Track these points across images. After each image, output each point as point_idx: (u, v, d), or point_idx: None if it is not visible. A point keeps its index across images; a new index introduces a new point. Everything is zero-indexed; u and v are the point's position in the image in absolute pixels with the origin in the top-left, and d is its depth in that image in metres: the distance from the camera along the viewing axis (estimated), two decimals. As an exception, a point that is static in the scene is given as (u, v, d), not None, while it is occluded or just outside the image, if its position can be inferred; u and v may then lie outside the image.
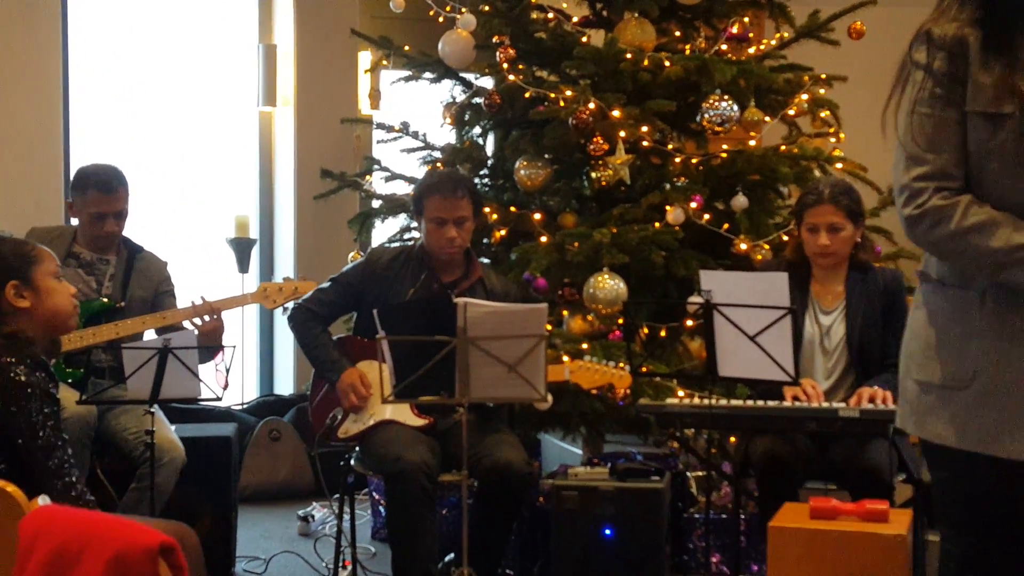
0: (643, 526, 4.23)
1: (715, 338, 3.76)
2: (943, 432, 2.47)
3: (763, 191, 5.15)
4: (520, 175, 5.01)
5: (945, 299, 2.50)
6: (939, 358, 2.49)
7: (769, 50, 5.32)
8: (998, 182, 2.39)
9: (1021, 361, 2.39)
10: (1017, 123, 2.33)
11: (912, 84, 2.45)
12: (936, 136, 2.41)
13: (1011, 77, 2.35)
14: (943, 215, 2.39)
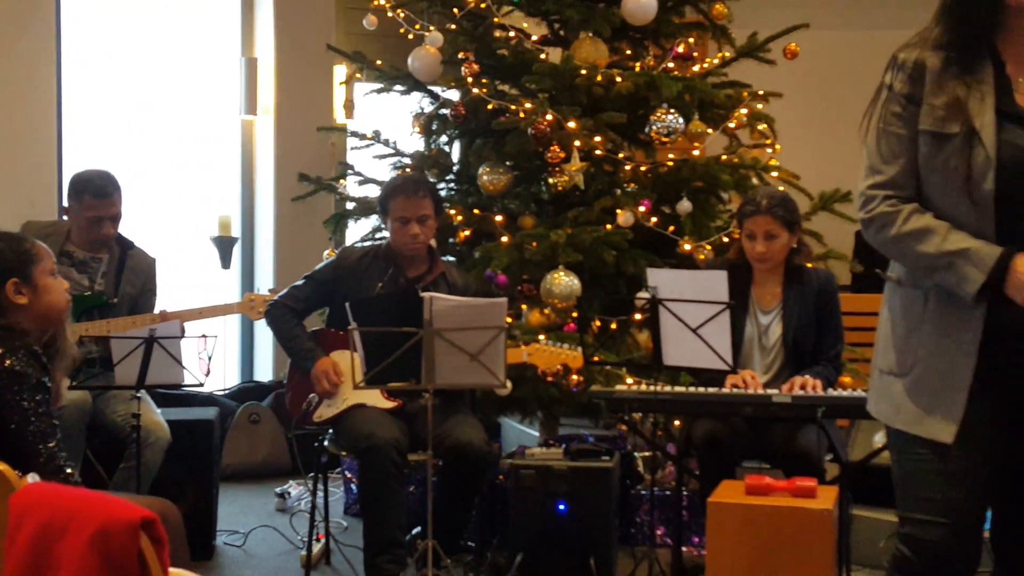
0: (594, 502, 4.22)
1: (660, 330, 3.77)
2: (887, 412, 2.52)
3: (706, 197, 5.16)
4: (483, 180, 5.00)
5: (899, 297, 2.53)
6: (891, 349, 2.53)
7: (712, 68, 5.31)
8: (938, 195, 2.41)
9: (952, 354, 2.41)
10: (960, 142, 2.34)
11: (878, 101, 2.49)
12: (890, 150, 2.45)
13: (963, 100, 2.36)
14: (888, 220, 2.43)
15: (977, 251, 2.32)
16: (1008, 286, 2.29)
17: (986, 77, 2.39)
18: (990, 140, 2.34)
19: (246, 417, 6.10)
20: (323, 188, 5.56)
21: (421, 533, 3.89)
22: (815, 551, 3.28)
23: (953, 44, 2.40)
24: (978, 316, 2.37)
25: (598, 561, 4.12)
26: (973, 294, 2.32)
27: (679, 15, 5.34)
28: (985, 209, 2.35)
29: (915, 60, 2.43)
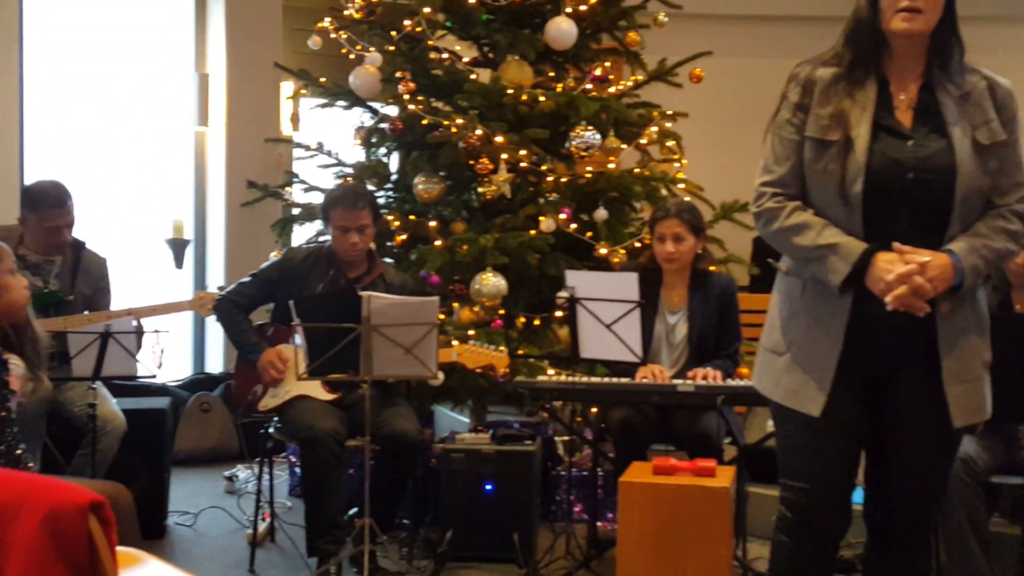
0: (518, 482, 4.24)
1: (578, 326, 3.77)
2: (768, 386, 2.58)
3: (620, 206, 5.18)
4: (418, 189, 4.98)
5: (785, 284, 2.59)
6: (775, 330, 2.59)
7: (626, 90, 5.34)
8: (818, 195, 2.46)
9: (822, 338, 2.46)
10: (837, 149, 2.39)
11: (779, 110, 2.54)
12: (780, 153, 2.50)
13: (846, 112, 2.41)
14: (773, 215, 2.48)
15: (845, 246, 2.38)
16: (868, 279, 2.35)
17: (870, 93, 2.45)
18: (862, 148, 2.39)
19: (197, 406, 6.03)
20: (270, 195, 5.49)
21: (359, 512, 3.86)
22: (714, 524, 3.32)
23: (844, 63, 2.46)
24: (845, 306, 2.42)
25: (521, 536, 4.12)
26: (838, 284, 2.38)
27: (596, 41, 5.36)
28: (855, 209, 2.40)
29: (808, 75, 2.49)
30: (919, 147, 2.41)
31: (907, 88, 2.47)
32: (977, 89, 2.46)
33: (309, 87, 5.53)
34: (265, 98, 6.70)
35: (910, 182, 2.40)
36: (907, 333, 2.41)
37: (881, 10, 2.39)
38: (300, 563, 4.07)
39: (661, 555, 3.33)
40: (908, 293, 2.30)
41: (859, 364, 2.46)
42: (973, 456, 3.55)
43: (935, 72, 2.45)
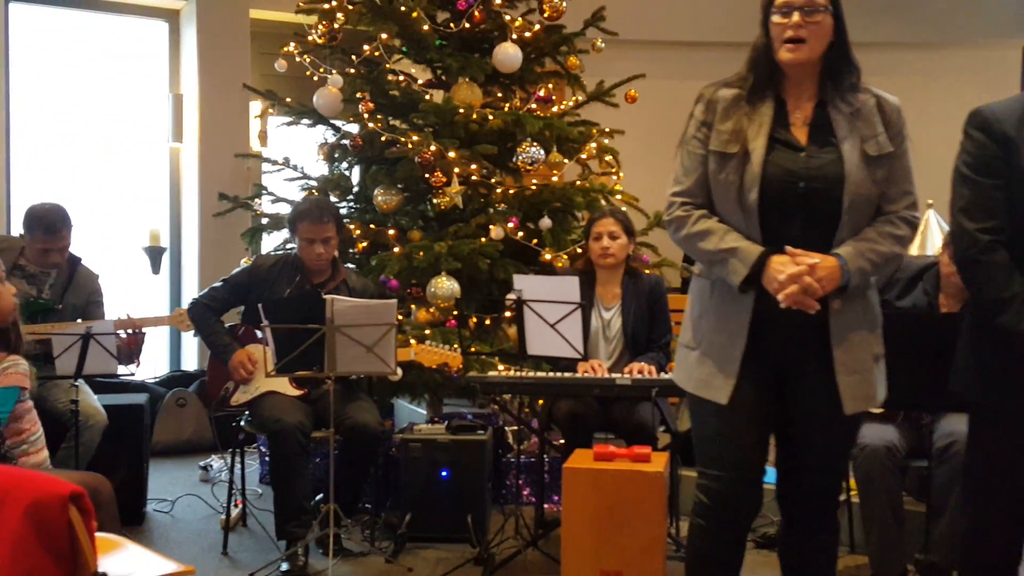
0: (471, 469, 4.24)
1: (525, 326, 3.77)
2: (683, 378, 2.60)
3: (563, 215, 5.19)
4: (378, 200, 4.96)
5: (697, 286, 2.62)
6: (688, 328, 2.61)
7: (567, 109, 5.35)
8: (720, 203, 2.50)
9: (728, 334, 2.49)
10: (736, 161, 2.42)
11: (688, 127, 2.57)
12: (688, 165, 2.53)
13: (744, 128, 2.44)
14: (682, 223, 2.51)
15: (743, 250, 2.40)
16: (764, 279, 2.38)
17: (767, 111, 2.47)
18: (758, 160, 2.42)
19: (174, 401, 5.99)
20: (240, 206, 5.44)
21: (324, 498, 3.85)
22: (650, 506, 3.33)
23: (747, 85, 2.50)
24: (748, 304, 2.45)
25: (474, 518, 4.12)
26: (738, 284, 2.41)
27: (540, 65, 5.36)
28: (752, 216, 2.42)
29: (712, 95, 2.53)
30: (811, 159, 2.43)
31: (802, 106, 2.49)
32: (867, 106, 2.48)
33: (276, 106, 5.49)
34: (235, 116, 6.64)
35: (802, 191, 2.41)
36: (803, 329, 2.43)
37: (772, 40, 2.43)
38: (270, 545, 4.03)
39: (602, 534, 3.34)
40: (798, 292, 2.33)
41: (763, 357, 2.47)
42: (896, 443, 3.59)
43: (828, 91, 2.48)
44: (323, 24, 5.16)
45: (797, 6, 2.38)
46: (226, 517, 4.29)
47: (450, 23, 5.10)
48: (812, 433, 2.53)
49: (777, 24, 2.40)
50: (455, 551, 4.08)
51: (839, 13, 2.44)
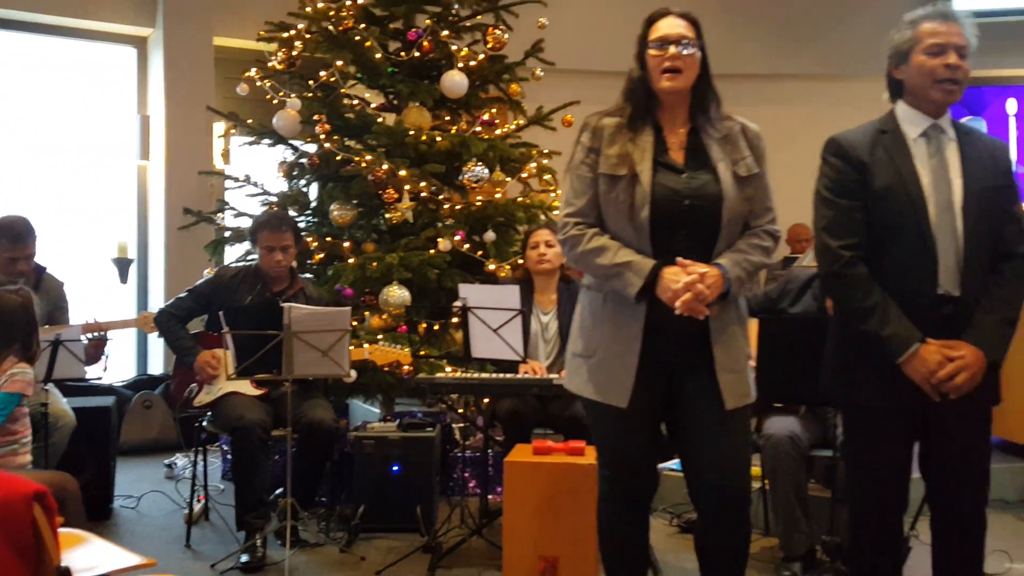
0: (420, 463, 4.22)
1: (469, 331, 3.77)
2: (579, 385, 2.59)
3: (506, 229, 5.20)
4: (334, 215, 4.93)
5: (588, 298, 2.62)
6: (582, 337, 2.60)
7: (509, 132, 5.36)
8: (612, 221, 2.51)
9: (623, 342, 2.50)
10: (626, 183, 2.44)
11: (575, 153, 2.59)
12: (579, 188, 2.55)
13: (630, 152, 2.47)
14: (576, 241, 2.52)
15: (638, 263, 2.42)
16: (658, 289, 2.40)
17: (648, 137, 2.51)
18: (647, 181, 2.44)
19: (141, 403, 5.91)
20: (204, 220, 5.37)
21: (283, 492, 3.80)
22: (584, 495, 3.32)
23: (625, 114, 2.53)
24: (640, 314, 2.46)
25: (423, 509, 4.10)
26: (634, 295, 2.42)
27: (485, 91, 5.37)
28: (643, 232, 2.45)
29: (596, 123, 2.55)
30: (691, 179, 2.47)
31: (677, 132, 2.54)
32: (733, 132, 2.55)
33: (238, 127, 5.43)
34: (199, 136, 6.57)
35: (686, 208, 2.45)
36: (688, 333, 2.46)
37: (649, 71, 2.48)
38: (231, 538, 3.97)
39: (540, 522, 3.35)
40: (692, 299, 2.36)
41: (654, 362, 2.49)
42: (798, 434, 3.64)
43: (699, 119, 2.54)
44: (283, 51, 5.15)
45: (672, 40, 2.45)
46: (189, 512, 4.23)
47: (401, 52, 5.10)
48: (703, 429, 2.52)
49: (655, 56, 2.47)
50: (405, 540, 4.05)
51: (704, 49, 2.51)
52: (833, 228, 2.52)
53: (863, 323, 2.47)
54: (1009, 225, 2.50)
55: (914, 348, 2.42)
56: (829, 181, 2.56)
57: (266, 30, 5.28)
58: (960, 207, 2.46)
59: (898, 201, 2.47)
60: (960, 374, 2.40)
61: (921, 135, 2.53)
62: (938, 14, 2.52)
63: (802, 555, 3.67)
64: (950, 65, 2.46)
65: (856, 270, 2.49)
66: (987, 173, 2.49)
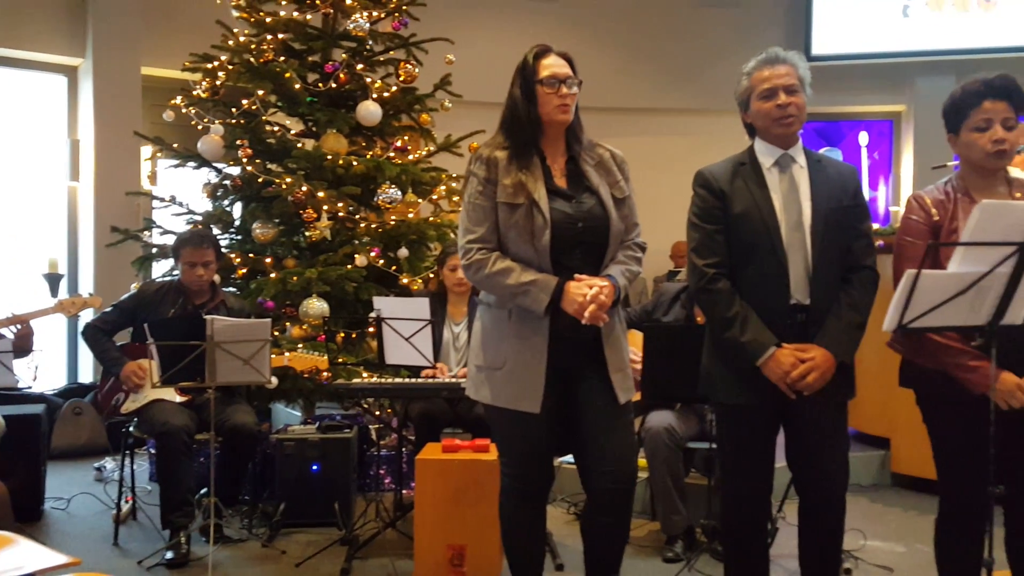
0: (338, 462, 4.18)
1: (383, 339, 3.74)
2: (489, 396, 2.59)
3: (418, 246, 5.17)
4: (256, 233, 4.85)
5: (490, 315, 2.62)
6: (486, 351, 2.60)
7: (421, 158, 5.33)
8: (514, 245, 2.53)
9: (529, 354, 2.52)
10: (525, 210, 2.47)
11: (468, 183, 2.58)
12: (478, 217, 2.55)
13: (524, 182, 2.49)
14: (481, 264, 2.52)
15: (542, 281, 2.46)
16: (564, 302, 2.44)
17: (537, 167, 2.55)
18: (545, 208, 2.49)
19: (71, 410, 5.69)
20: (131, 237, 5.20)
21: (207, 492, 3.71)
22: (488, 488, 3.31)
23: (512, 146, 2.56)
24: (545, 326, 2.50)
25: (341, 504, 4.07)
26: (542, 310, 2.45)
27: (397, 120, 5.34)
28: (544, 253, 2.49)
29: (489, 155, 2.57)
30: (580, 204, 2.54)
31: (557, 161, 2.59)
32: (604, 158, 2.63)
33: (164, 151, 5.29)
34: (127, 159, 6.39)
35: (580, 229, 2.51)
36: (584, 340, 2.53)
37: (540, 106, 2.52)
38: (157, 536, 3.87)
39: (449, 513, 3.34)
40: (596, 309, 2.41)
41: (556, 367, 2.52)
42: (674, 427, 3.71)
43: (575, 148, 2.61)
44: (207, 81, 5.06)
45: (562, 79, 2.52)
46: (117, 512, 4.09)
47: (319, 83, 5.05)
48: (599, 422, 2.57)
49: (548, 94, 2.51)
50: (324, 534, 4.00)
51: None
52: (700, 249, 2.60)
53: (726, 331, 2.54)
54: (858, 241, 2.60)
55: (770, 352, 2.49)
56: (697, 208, 2.63)
57: (191, 61, 5.17)
58: (809, 226, 2.54)
59: (754, 224, 2.54)
60: (811, 374, 2.48)
61: (774, 164, 2.61)
62: (766, 61, 2.60)
63: (681, 536, 3.75)
64: (780, 105, 2.55)
65: (719, 285, 2.56)
66: (835, 195, 2.58)
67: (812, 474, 2.63)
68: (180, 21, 6.50)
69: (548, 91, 2.51)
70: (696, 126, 7.96)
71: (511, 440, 2.60)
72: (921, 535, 4.03)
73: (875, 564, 3.66)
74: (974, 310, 2.24)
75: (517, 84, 2.54)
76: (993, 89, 2.49)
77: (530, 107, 2.52)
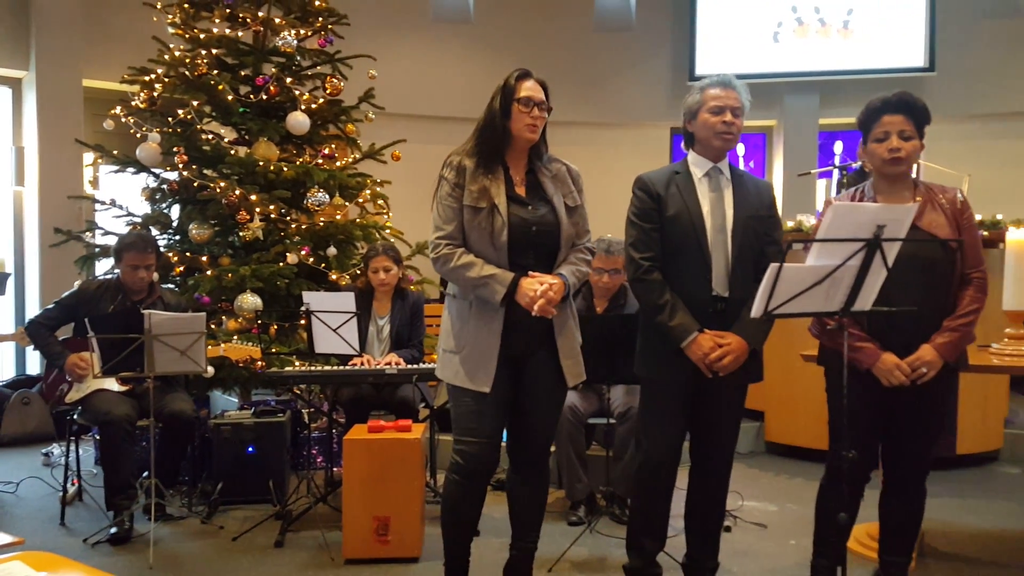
0: (272, 444, 4.08)
1: (313, 330, 3.68)
2: (450, 375, 2.59)
3: (345, 245, 5.08)
4: (193, 233, 4.69)
5: (455, 304, 2.62)
6: (450, 336, 2.60)
7: (347, 164, 5.24)
8: (476, 243, 2.53)
9: (486, 339, 2.53)
10: (487, 213, 2.47)
11: (440, 186, 2.57)
12: (447, 216, 2.55)
13: (488, 188, 2.48)
14: (448, 258, 2.52)
15: (500, 276, 2.47)
16: (518, 296, 2.46)
17: (500, 176, 2.55)
18: (504, 212, 2.50)
19: (19, 400, 5.42)
20: (73, 238, 4.97)
21: (149, 475, 3.58)
22: (411, 464, 3.33)
23: (480, 155, 2.56)
24: (500, 315, 2.51)
25: (275, 482, 3.99)
26: (500, 301, 2.46)
27: (325, 130, 5.24)
28: (502, 252, 2.50)
29: (459, 162, 2.57)
30: (535, 210, 2.56)
31: (519, 172, 2.61)
32: (560, 172, 2.66)
33: (105, 157, 5.06)
34: (70, 165, 6.09)
35: (534, 233, 2.54)
36: (536, 329, 2.54)
37: (513, 122, 2.53)
38: (102, 516, 3.73)
39: (374, 488, 3.30)
40: (546, 303, 2.42)
41: (509, 352, 2.54)
42: (577, 406, 3.75)
43: (535, 161, 2.63)
44: (144, 92, 4.87)
45: (536, 103, 2.54)
46: (63, 494, 3.92)
47: (251, 95, 4.91)
48: (540, 402, 2.61)
49: (522, 112, 2.53)
50: (260, 510, 3.91)
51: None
52: (637, 244, 2.65)
53: (657, 316, 2.60)
54: (770, 246, 2.68)
55: (693, 336, 2.56)
56: (635, 208, 2.69)
57: (129, 73, 4.97)
58: (730, 230, 2.63)
59: (684, 225, 2.62)
60: (726, 357, 2.56)
61: (704, 175, 2.69)
62: (720, 82, 2.68)
63: (584, 502, 3.78)
64: (726, 122, 2.63)
65: (653, 276, 2.62)
66: (753, 206, 2.67)
67: (711, 443, 2.73)
68: (119, 36, 6.26)
69: (523, 110, 2.53)
70: (596, 137, 8.03)
71: (465, 417, 2.58)
72: (791, 496, 4.16)
73: (751, 522, 3.77)
74: (829, 298, 2.31)
75: (498, 99, 2.54)
76: (890, 105, 2.58)
77: (504, 121, 2.53)
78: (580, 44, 8.21)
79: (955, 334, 2.51)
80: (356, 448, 3.33)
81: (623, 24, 8.27)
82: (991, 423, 4.71)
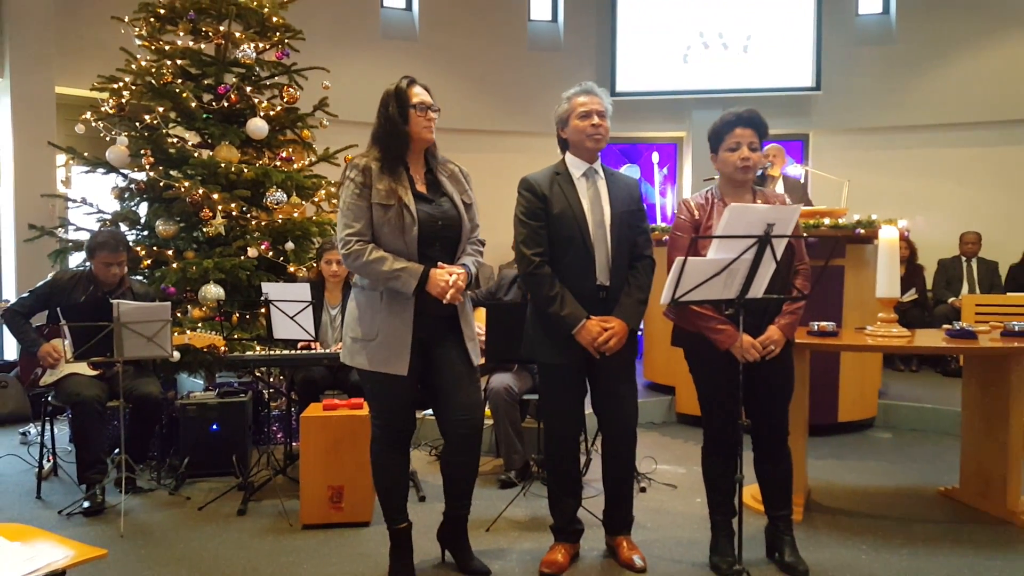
0: (235, 422, 3.99)
1: (272, 318, 3.61)
2: (363, 362, 2.53)
3: (302, 241, 4.97)
4: (159, 229, 4.54)
5: (364, 296, 2.56)
6: (360, 325, 2.54)
7: (304, 167, 5.15)
8: (387, 239, 2.48)
9: (400, 326, 2.49)
10: (396, 210, 2.43)
11: (346, 187, 2.50)
12: (356, 214, 2.48)
13: (394, 187, 2.45)
14: (360, 253, 2.46)
15: (410, 268, 2.44)
16: (428, 286, 2.44)
17: (404, 175, 2.52)
18: (412, 209, 2.47)
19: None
20: (47, 234, 4.76)
21: (120, 452, 3.46)
22: (361, 439, 3.29)
23: (384, 158, 2.52)
24: (411, 304, 2.48)
25: (238, 457, 3.89)
26: (412, 291, 2.44)
27: (283, 135, 5.12)
28: (412, 245, 2.47)
29: (364, 164, 2.51)
30: (438, 206, 2.53)
31: (419, 171, 2.58)
32: (455, 172, 2.64)
33: (76, 159, 4.86)
34: (43, 166, 5.83)
35: (440, 227, 2.51)
36: (444, 315, 2.53)
37: (412, 125, 2.49)
38: (76, 490, 3.60)
39: (329, 460, 3.27)
40: (456, 292, 2.41)
41: (419, 336, 2.51)
42: (511, 385, 3.76)
43: (431, 162, 2.61)
44: (114, 99, 4.71)
45: (428, 106, 2.52)
46: (39, 470, 3.77)
47: (213, 102, 4.78)
48: (455, 380, 2.57)
49: (418, 116, 2.50)
50: (224, 482, 3.82)
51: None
52: (527, 241, 2.63)
53: (548, 307, 2.59)
54: (640, 236, 2.71)
55: (582, 323, 2.57)
56: (523, 208, 2.66)
57: (99, 81, 4.78)
58: (609, 225, 2.63)
59: (568, 222, 2.61)
60: (612, 339, 2.58)
61: (582, 175, 2.68)
62: (584, 91, 2.69)
63: (519, 469, 3.80)
64: (595, 124, 2.64)
65: (543, 270, 2.60)
66: (625, 202, 2.69)
67: (612, 414, 2.73)
68: (89, 47, 6.02)
69: (419, 114, 2.49)
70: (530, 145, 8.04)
71: (382, 397, 2.56)
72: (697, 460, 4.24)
73: (663, 483, 3.84)
74: (727, 287, 2.37)
75: (393, 106, 2.48)
76: (742, 120, 2.63)
77: (404, 126, 2.48)
78: (514, 61, 8.21)
79: (793, 316, 2.61)
80: (312, 424, 3.28)
81: (553, 44, 8.31)
82: (867, 394, 4.88)
